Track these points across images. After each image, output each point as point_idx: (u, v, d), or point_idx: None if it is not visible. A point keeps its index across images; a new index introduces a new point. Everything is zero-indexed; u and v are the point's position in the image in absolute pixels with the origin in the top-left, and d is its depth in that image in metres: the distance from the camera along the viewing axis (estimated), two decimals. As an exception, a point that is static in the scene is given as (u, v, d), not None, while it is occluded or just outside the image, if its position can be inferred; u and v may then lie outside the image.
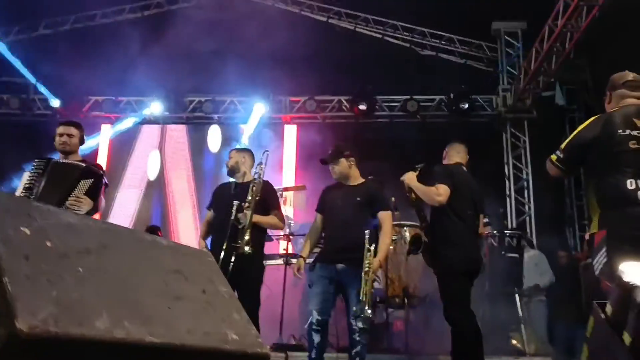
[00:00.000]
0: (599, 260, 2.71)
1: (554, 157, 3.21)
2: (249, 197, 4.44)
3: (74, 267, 1.37)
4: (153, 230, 7.51)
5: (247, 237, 4.28)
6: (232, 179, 4.91)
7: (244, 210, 4.38)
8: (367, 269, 4.08)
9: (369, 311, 4.10)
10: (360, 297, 4.06)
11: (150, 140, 10.43)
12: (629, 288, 1.57)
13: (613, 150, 2.97)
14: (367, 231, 4.29)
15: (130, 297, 1.46)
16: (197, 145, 10.31)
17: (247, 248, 4.27)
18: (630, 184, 2.88)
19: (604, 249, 2.72)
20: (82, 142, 4.26)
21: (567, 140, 3.20)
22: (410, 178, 4.30)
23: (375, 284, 4.44)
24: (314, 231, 4.59)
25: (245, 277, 4.45)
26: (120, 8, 10.50)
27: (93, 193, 4.02)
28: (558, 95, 9.52)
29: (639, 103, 3.15)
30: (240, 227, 4.34)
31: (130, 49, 9.07)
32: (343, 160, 4.50)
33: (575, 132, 3.20)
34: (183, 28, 9.22)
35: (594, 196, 3.05)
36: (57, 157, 4.20)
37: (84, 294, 1.32)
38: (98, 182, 4.08)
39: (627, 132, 2.97)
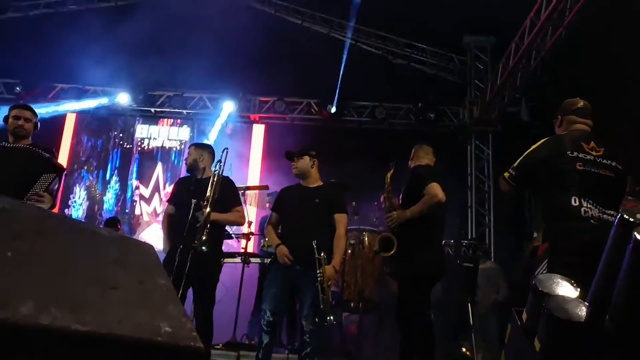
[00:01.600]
0: (541, 271, 2.81)
1: (506, 174, 3.39)
2: (208, 195, 4.43)
3: (2, 251, 1.36)
4: (113, 223, 7.43)
5: (204, 236, 4.27)
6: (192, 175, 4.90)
7: (202, 209, 4.37)
8: (320, 278, 4.11)
9: (331, 318, 4.15)
10: (321, 306, 4.10)
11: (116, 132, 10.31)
12: (542, 295, 1.63)
13: (560, 170, 3.15)
14: (324, 235, 4.34)
15: (61, 284, 1.45)
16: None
17: (203, 246, 4.26)
18: (574, 201, 3.03)
19: (545, 261, 2.84)
20: (36, 127, 4.15)
21: (519, 160, 3.37)
22: (400, 216, 4.33)
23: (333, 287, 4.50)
24: (272, 227, 4.60)
25: (202, 275, 4.44)
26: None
27: (52, 189, 3.94)
28: (523, 111, 9.69)
29: (587, 129, 3.37)
30: (197, 225, 4.32)
31: (101, 38, 8.95)
32: (307, 157, 4.55)
33: (527, 152, 3.37)
34: (156, 20, 9.13)
35: (540, 212, 3.22)
36: None
37: (8, 278, 1.31)
38: (59, 177, 4.00)
39: (575, 154, 3.16)
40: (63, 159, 9.78)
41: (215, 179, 4.48)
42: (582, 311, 1.55)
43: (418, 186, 4.31)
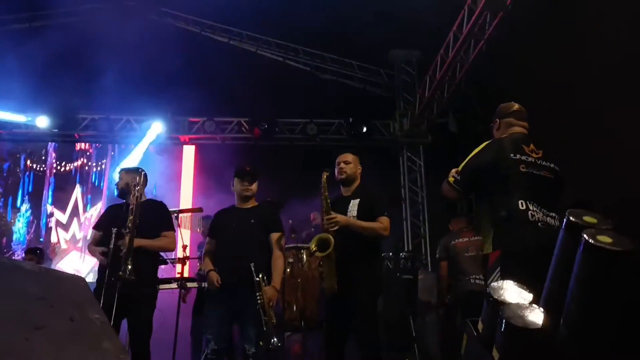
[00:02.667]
0: (493, 279, 2.80)
1: (451, 179, 3.32)
2: (128, 223, 4.22)
3: None
4: (34, 252, 7.04)
5: (129, 265, 4.05)
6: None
7: (124, 237, 4.16)
8: (260, 300, 4.01)
9: (275, 339, 4.03)
10: (264, 328, 3.99)
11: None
12: (497, 304, 1.61)
13: (505, 173, 3.13)
14: (261, 256, 4.25)
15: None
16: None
17: (129, 275, 4.04)
18: (521, 205, 3.02)
19: (498, 269, 2.83)
20: None
21: (462, 164, 3.32)
22: (346, 221, 4.12)
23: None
24: (209, 254, 4.46)
25: (134, 304, 4.24)
26: (3, 18, 9.86)
27: None
28: (451, 122, 9.94)
29: (524, 131, 3.39)
30: (121, 254, 4.11)
31: (16, 61, 8.55)
32: (257, 182, 4.51)
33: (470, 156, 3.33)
34: (76, 42, 8.82)
35: (487, 217, 3.17)
36: None
37: None
38: None
39: (517, 156, 3.16)
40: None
41: (134, 204, 4.28)
42: (538, 317, 1.53)
43: (376, 208, 4.24)
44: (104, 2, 9.89)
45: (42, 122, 9.43)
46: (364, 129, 9.71)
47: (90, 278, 7.97)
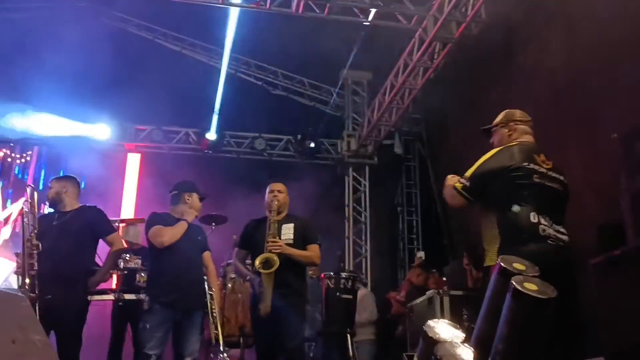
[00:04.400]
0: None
1: (458, 185, 3.12)
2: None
3: None
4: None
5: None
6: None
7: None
8: (214, 314, 4.10)
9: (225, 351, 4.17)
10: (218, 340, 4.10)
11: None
12: (431, 342, 1.70)
13: (518, 182, 2.98)
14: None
15: None
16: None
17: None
18: (533, 217, 2.90)
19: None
20: None
21: (472, 170, 3.14)
22: (285, 248, 4.31)
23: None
24: None
25: (67, 316, 4.18)
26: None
27: None
28: (396, 144, 10.20)
29: (534, 141, 3.27)
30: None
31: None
32: (195, 195, 4.56)
33: (481, 162, 3.15)
34: (20, 39, 8.59)
35: (493, 227, 3.01)
36: None
37: None
38: None
39: (531, 165, 3.02)
40: None
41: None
42: (469, 356, 1.63)
43: (309, 236, 4.51)
44: (55, 2, 9.64)
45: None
46: (312, 146, 9.80)
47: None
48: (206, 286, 4.20)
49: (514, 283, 1.50)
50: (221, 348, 4.19)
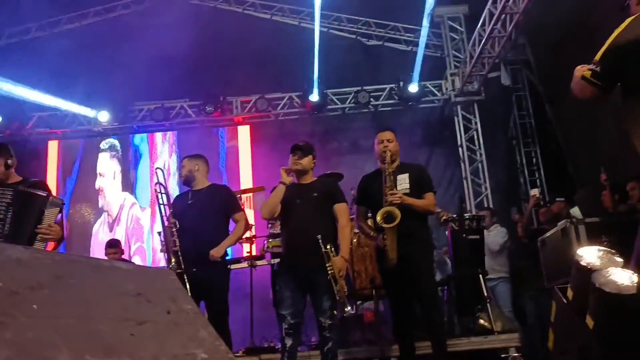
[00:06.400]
0: None
1: (587, 73, 2.61)
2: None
3: (27, 305, 1.31)
4: (112, 244, 7.32)
5: None
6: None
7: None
8: (330, 271, 4.11)
9: (349, 308, 4.20)
10: (337, 298, 4.12)
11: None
12: (587, 271, 1.58)
13: None
14: (327, 228, 4.34)
15: (90, 328, 1.41)
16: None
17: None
18: None
19: None
20: (8, 166, 3.87)
21: (601, 51, 2.61)
22: (404, 199, 4.29)
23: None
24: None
25: (211, 285, 4.43)
26: (56, 19, 10.16)
27: (60, 222, 3.88)
28: (503, 76, 9.71)
29: None
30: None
31: (70, 60, 8.83)
32: (311, 157, 4.54)
33: (611, 39, 2.59)
34: (125, 35, 9.03)
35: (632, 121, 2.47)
36: None
37: (40, 331, 1.26)
38: (61, 210, 3.93)
39: None
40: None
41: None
42: (633, 282, 1.51)
43: (424, 185, 4.49)
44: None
45: (103, 117, 9.74)
46: (416, 91, 9.56)
47: None
48: (321, 244, 4.18)
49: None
50: (345, 304, 4.22)
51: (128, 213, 9.72)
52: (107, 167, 10.02)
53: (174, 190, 7.76)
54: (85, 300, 1.50)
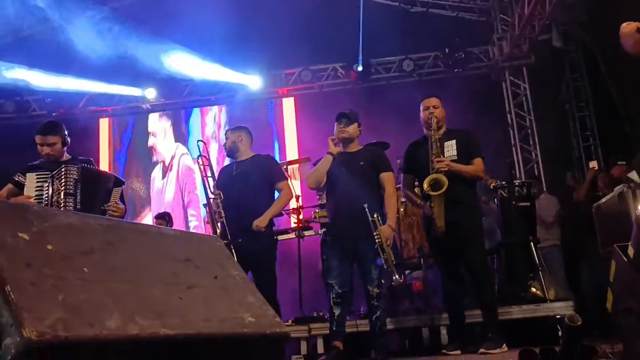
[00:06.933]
0: None
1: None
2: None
3: (79, 268, 1.34)
4: (163, 217, 7.50)
5: None
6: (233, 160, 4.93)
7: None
8: (378, 239, 4.10)
9: (397, 277, 4.21)
10: (385, 267, 4.12)
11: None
12: None
13: None
14: (374, 197, 4.32)
15: (140, 292, 1.43)
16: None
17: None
18: None
19: None
20: (65, 143, 4.06)
21: None
22: (451, 165, 4.27)
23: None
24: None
25: (258, 256, 4.48)
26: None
27: (123, 200, 4.08)
28: (554, 37, 9.32)
29: None
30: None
31: (116, 38, 8.94)
32: (356, 124, 4.51)
33: None
34: (156, 13, 9.07)
35: None
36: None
37: (91, 294, 1.29)
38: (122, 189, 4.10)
39: None
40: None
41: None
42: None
43: (472, 151, 4.44)
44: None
45: (151, 94, 9.90)
46: (462, 57, 9.33)
47: None
48: (368, 213, 4.16)
49: None
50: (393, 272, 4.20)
51: (179, 162, 9.96)
52: (158, 126, 10.28)
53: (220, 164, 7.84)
54: (135, 265, 1.53)
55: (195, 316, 1.49)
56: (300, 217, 6.53)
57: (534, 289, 5.41)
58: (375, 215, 4.18)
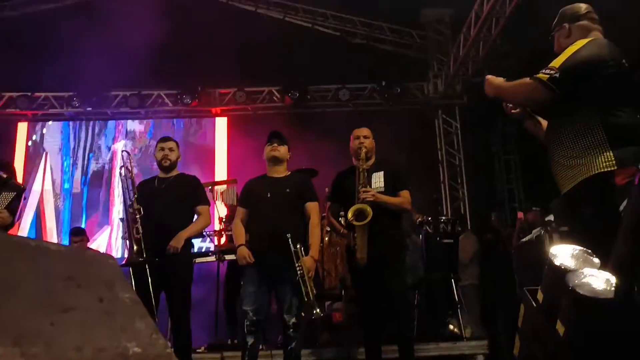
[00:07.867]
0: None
1: (543, 76, 2.59)
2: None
3: None
4: (78, 232, 7.07)
5: None
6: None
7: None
8: (300, 271, 3.96)
9: (317, 310, 4.04)
10: (305, 299, 3.97)
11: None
12: (560, 272, 1.44)
13: (623, 82, 2.51)
14: (297, 226, 4.19)
15: (1, 313, 1.23)
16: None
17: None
18: None
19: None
20: None
21: (561, 60, 2.62)
22: (378, 196, 4.16)
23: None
24: (240, 225, 4.39)
25: (172, 278, 4.26)
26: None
27: (13, 207, 3.72)
28: (487, 81, 9.61)
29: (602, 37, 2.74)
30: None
31: (48, 42, 8.56)
32: (287, 147, 4.41)
33: (571, 52, 2.62)
34: (107, 19, 8.77)
35: (593, 132, 2.47)
36: None
37: None
38: (20, 195, 3.76)
39: (623, 61, 2.55)
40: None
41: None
42: (609, 285, 1.37)
43: (400, 183, 4.35)
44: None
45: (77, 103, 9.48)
46: (398, 91, 9.45)
47: None
48: (290, 242, 4.02)
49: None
50: (313, 305, 4.06)
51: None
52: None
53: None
54: (1, 282, 1.33)
55: (66, 344, 1.30)
56: (222, 240, 6.31)
57: (451, 326, 5.40)
58: (298, 246, 4.04)
